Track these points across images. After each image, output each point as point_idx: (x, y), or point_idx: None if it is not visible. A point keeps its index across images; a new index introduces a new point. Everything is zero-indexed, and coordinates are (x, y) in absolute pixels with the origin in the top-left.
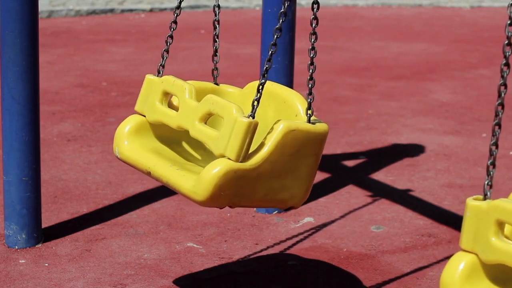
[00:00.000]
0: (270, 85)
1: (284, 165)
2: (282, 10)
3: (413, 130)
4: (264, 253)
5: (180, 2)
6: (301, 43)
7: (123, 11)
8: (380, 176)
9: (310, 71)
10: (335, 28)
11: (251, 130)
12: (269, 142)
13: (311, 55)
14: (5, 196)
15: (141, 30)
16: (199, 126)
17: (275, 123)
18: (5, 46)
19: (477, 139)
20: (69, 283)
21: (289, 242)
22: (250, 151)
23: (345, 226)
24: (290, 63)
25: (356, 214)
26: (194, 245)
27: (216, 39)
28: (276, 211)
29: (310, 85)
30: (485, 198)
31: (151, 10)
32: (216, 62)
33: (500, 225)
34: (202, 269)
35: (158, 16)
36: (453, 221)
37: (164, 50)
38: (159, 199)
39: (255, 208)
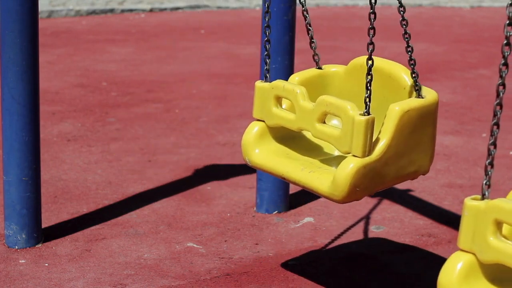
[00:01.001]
0: (374, 60)
1: (406, 143)
2: (266, 10)
3: None
4: (264, 253)
5: (268, 7)
6: (301, 43)
7: (123, 11)
8: None
9: (409, 53)
10: (335, 28)
11: (370, 126)
12: (387, 128)
13: (406, 39)
14: (5, 196)
15: (141, 30)
16: (319, 127)
17: (389, 107)
18: (5, 46)
19: (477, 139)
20: (69, 283)
21: (289, 242)
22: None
23: (345, 226)
24: (290, 63)
25: (356, 214)
26: (194, 245)
27: (309, 27)
28: (276, 211)
29: (412, 65)
30: (483, 198)
31: (151, 10)
32: (314, 48)
33: (498, 224)
34: (202, 269)
35: (158, 16)
36: (453, 221)
37: (265, 55)
38: (159, 199)
39: (255, 208)
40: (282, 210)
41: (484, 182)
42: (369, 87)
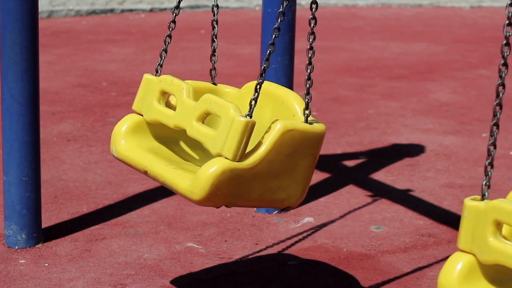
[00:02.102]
0: (268, 85)
1: (281, 165)
2: (281, 9)
3: (413, 130)
4: (264, 253)
5: (179, 2)
6: (301, 43)
7: (123, 11)
8: (380, 176)
9: (308, 71)
10: (335, 28)
11: (249, 129)
12: (266, 141)
13: (309, 55)
14: (5, 196)
15: (141, 30)
16: (196, 125)
17: (273, 122)
18: (5, 46)
19: (477, 139)
20: (69, 283)
21: (289, 242)
22: (247, 150)
23: (345, 226)
24: (290, 63)
25: (356, 214)
26: (194, 245)
27: (215, 39)
28: (276, 211)
29: (307, 85)
30: (483, 198)
31: (151, 10)
32: (214, 62)
33: (498, 225)
34: (202, 269)
35: (158, 16)
36: (453, 221)
37: (163, 49)
38: (159, 199)
39: (255, 208)
40: (282, 210)
41: (484, 182)
42: (258, 89)
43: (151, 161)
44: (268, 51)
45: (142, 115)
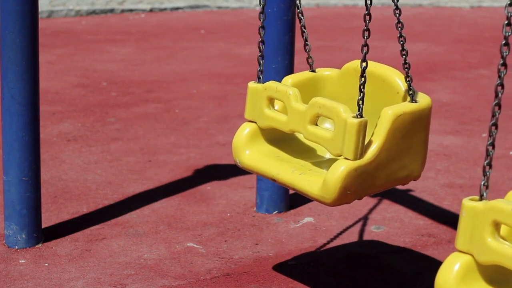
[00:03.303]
0: (368, 65)
1: (398, 147)
2: (261, 10)
3: None
4: (264, 253)
5: (263, 7)
6: (301, 43)
7: (123, 11)
8: None
9: (403, 56)
10: (335, 28)
11: (362, 128)
12: (380, 132)
13: (401, 42)
14: (5, 196)
15: (141, 30)
16: (311, 129)
17: (382, 111)
18: (5, 46)
19: (477, 139)
20: (69, 283)
21: (289, 242)
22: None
23: (345, 226)
24: (290, 63)
25: (356, 214)
26: (194, 245)
27: (304, 29)
28: (276, 211)
29: (406, 69)
30: (481, 199)
31: (151, 10)
32: (308, 51)
33: (496, 225)
34: (202, 269)
35: (158, 16)
36: (453, 221)
37: (259, 55)
38: (159, 199)
39: (255, 208)
40: (282, 210)
41: (482, 183)
42: (362, 89)
43: (277, 170)
44: (364, 53)
45: (255, 123)
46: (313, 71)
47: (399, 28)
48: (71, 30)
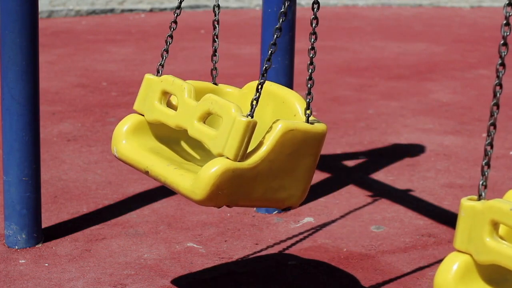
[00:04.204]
0: (269, 85)
1: (282, 164)
2: (283, 10)
3: (413, 130)
4: (264, 253)
5: (180, 2)
6: (301, 43)
7: (123, 11)
8: (380, 176)
9: (309, 71)
10: (335, 28)
11: (250, 129)
12: (267, 141)
13: (311, 55)
14: (5, 196)
15: (141, 30)
16: (197, 125)
17: (274, 122)
18: (5, 46)
19: (477, 139)
20: (69, 283)
21: (289, 242)
22: (249, 150)
23: (345, 226)
24: (290, 63)
25: (356, 214)
26: (194, 245)
27: (216, 39)
28: (276, 211)
29: (309, 85)
30: (479, 198)
31: (151, 10)
32: (215, 62)
33: (495, 225)
34: (202, 269)
35: (158, 16)
36: (453, 221)
37: (164, 49)
38: (159, 199)
39: (255, 208)
40: (282, 210)
41: (481, 182)
42: (259, 90)
43: (152, 161)
44: (270, 51)
45: (143, 115)
46: (215, 84)
47: (312, 40)
48: (71, 30)
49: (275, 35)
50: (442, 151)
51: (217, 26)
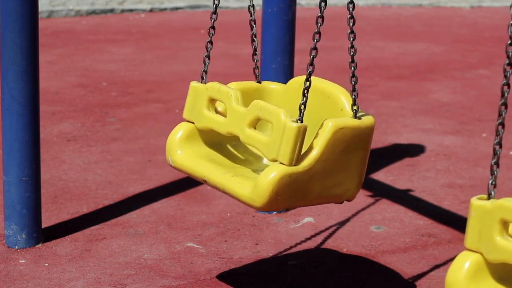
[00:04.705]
0: (312, 80)
1: (335, 162)
2: (319, 14)
3: (413, 130)
4: (264, 253)
5: (216, 7)
6: (301, 43)
7: (123, 11)
8: (380, 176)
9: (352, 68)
10: (335, 28)
11: (301, 134)
12: (319, 142)
13: (351, 53)
14: (5, 196)
15: (141, 30)
16: (249, 131)
17: (323, 122)
18: (5, 46)
19: (477, 139)
20: (69, 283)
21: (289, 242)
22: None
23: (345, 226)
24: (290, 63)
25: (356, 214)
26: (194, 245)
27: (254, 38)
28: (276, 211)
29: (353, 82)
30: (489, 198)
31: (151, 10)
32: (256, 61)
33: (505, 224)
34: (202, 269)
35: (158, 16)
36: (453, 221)
37: (205, 56)
38: (159, 199)
39: None
40: (282, 210)
41: (490, 181)
42: (306, 94)
43: (209, 170)
44: (312, 56)
45: (193, 123)
46: (259, 82)
47: (351, 39)
48: (71, 30)
49: (315, 40)
50: (442, 151)
51: (254, 25)
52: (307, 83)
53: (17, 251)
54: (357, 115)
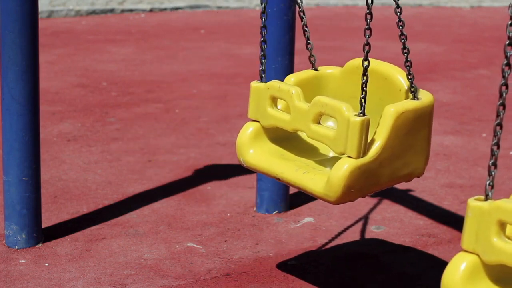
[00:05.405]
0: (370, 62)
1: (401, 145)
2: (368, 11)
3: None
4: (264, 253)
5: (265, 7)
6: (301, 43)
7: (123, 11)
8: None
9: (405, 54)
10: (335, 28)
11: (365, 127)
12: (383, 130)
13: (402, 40)
14: (5, 196)
15: (141, 30)
16: (314, 127)
17: (384, 109)
18: (5, 46)
19: (477, 139)
20: (69, 283)
21: (289, 242)
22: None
23: (345, 226)
24: (290, 63)
25: (356, 214)
26: (194, 245)
27: (306, 28)
28: (276, 211)
29: (407, 67)
30: (486, 199)
31: (151, 10)
32: (311, 49)
33: (502, 225)
34: (202, 269)
35: (158, 16)
36: (453, 221)
37: (261, 55)
38: (159, 199)
39: (255, 208)
40: (282, 210)
41: (488, 182)
42: (364, 88)
43: (281, 168)
44: (366, 51)
45: (259, 122)
46: (316, 69)
47: (400, 27)
48: (71, 30)
49: (366, 36)
50: (442, 151)
51: (304, 16)
52: (365, 78)
53: (17, 251)
54: (416, 95)
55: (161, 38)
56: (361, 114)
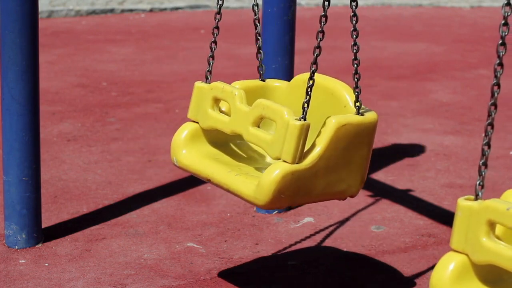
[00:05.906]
0: (316, 78)
1: (339, 158)
2: (323, 13)
3: (413, 130)
4: (264, 253)
5: (220, 7)
6: (301, 43)
7: (123, 11)
8: (380, 176)
9: (355, 65)
10: (335, 28)
11: (304, 132)
12: (322, 139)
13: (354, 51)
14: (5, 196)
15: (141, 30)
16: (252, 130)
17: (326, 119)
18: (5, 46)
19: (477, 139)
20: (69, 283)
21: (289, 242)
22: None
23: (345, 226)
24: (290, 63)
25: (356, 214)
26: (194, 245)
27: (258, 37)
28: (276, 211)
29: (356, 79)
30: (476, 198)
31: (151, 10)
32: (261, 60)
33: (491, 225)
34: (202, 269)
35: (158, 16)
36: (453, 221)
37: (210, 56)
38: (159, 199)
39: (255, 208)
40: (282, 210)
41: (478, 182)
42: (309, 92)
43: (213, 169)
44: (315, 55)
45: (197, 123)
46: (263, 80)
47: (354, 36)
48: (71, 30)
49: (318, 39)
50: (442, 151)
51: (258, 24)
52: (311, 82)
53: (17, 251)
54: (360, 111)
55: (161, 38)
56: (301, 119)
